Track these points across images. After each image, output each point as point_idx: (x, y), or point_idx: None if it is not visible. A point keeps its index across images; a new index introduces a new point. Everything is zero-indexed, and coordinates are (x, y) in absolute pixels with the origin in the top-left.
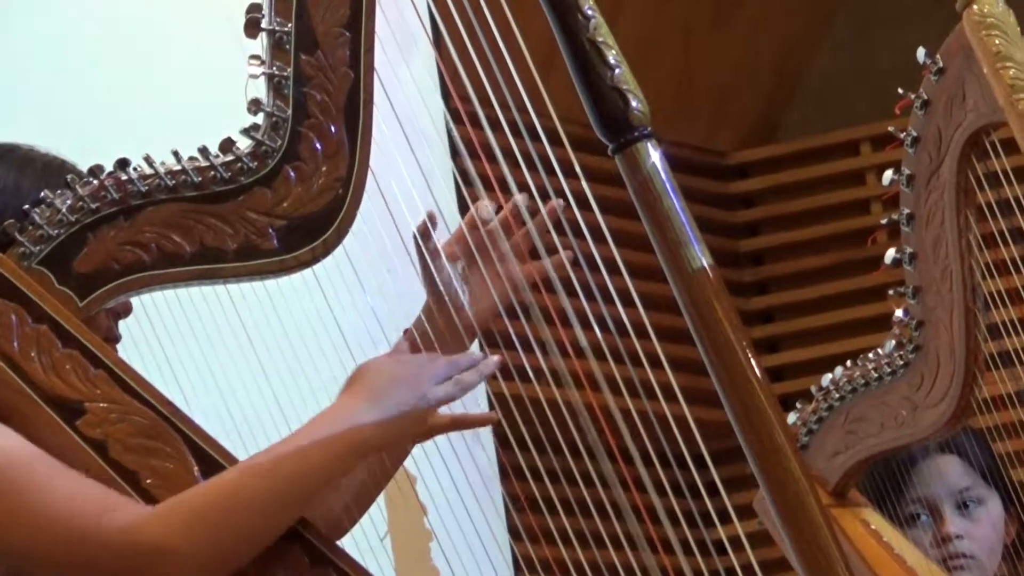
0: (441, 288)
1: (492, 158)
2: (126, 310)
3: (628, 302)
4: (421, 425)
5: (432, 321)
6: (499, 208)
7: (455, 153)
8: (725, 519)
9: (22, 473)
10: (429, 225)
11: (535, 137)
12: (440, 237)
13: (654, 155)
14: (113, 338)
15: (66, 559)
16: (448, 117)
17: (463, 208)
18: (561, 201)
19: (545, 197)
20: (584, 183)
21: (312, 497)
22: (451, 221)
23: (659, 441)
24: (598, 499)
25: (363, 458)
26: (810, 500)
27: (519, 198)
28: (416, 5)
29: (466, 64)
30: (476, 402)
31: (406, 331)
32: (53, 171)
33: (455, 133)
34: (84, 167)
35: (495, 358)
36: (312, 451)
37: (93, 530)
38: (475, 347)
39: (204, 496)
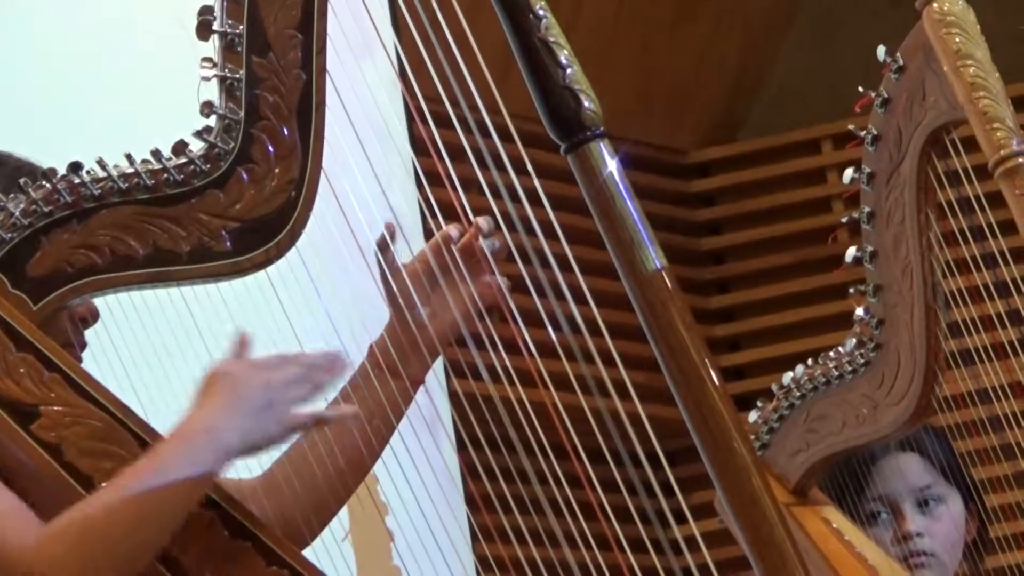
0: (402, 305)
1: (451, 156)
2: (93, 316)
3: (581, 299)
4: (281, 425)
5: (394, 337)
6: (462, 232)
7: (416, 152)
8: (682, 518)
9: None
10: (388, 238)
11: (487, 134)
12: (400, 248)
13: (609, 160)
14: (76, 344)
15: None
16: (404, 117)
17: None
18: (490, 219)
19: (496, 196)
20: (535, 180)
21: (183, 509)
22: (408, 220)
23: (613, 439)
24: (552, 497)
25: (228, 464)
26: (765, 500)
27: (482, 220)
28: (371, 6)
29: (419, 65)
30: (432, 401)
31: (371, 346)
32: (21, 176)
33: (412, 132)
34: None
35: (345, 359)
36: (177, 464)
37: (14, 550)
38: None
39: (82, 521)
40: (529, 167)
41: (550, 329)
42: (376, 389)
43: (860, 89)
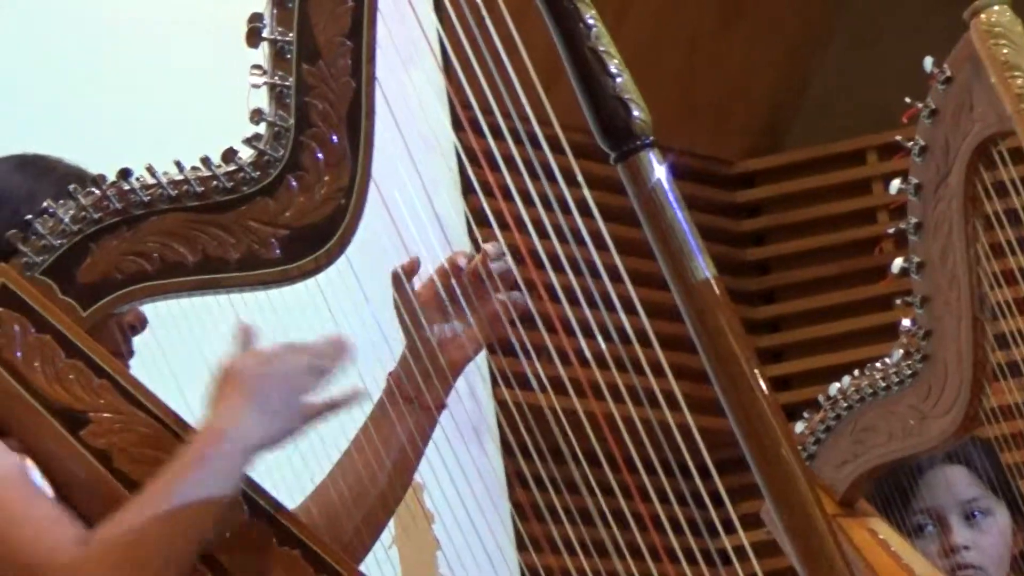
0: (415, 336)
1: (494, 166)
2: (141, 323)
3: (631, 310)
4: (300, 417)
5: (408, 368)
6: (470, 258)
7: (460, 163)
8: (730, 528)
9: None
10: (402, 274)
11: (537, 145)
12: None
13: (658, 167)
14: (124, 351)
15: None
16: (451, 126)
17: (469, 216)
18: (499, 244)
19: (547, 205)
20: (586, 190)
21: (213, 514)
22: (456, 229)
23: (663, 449)
24: (602, 508)
25: (253, 460)
26: (815, 510)
27: (489, 246)
28: (419, 14)
29: (470, 74)
30: (480, 410)
31: (390, 373)
32: (71, 183)
33: (458, 142)
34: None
35: (348, 340)
36: (204, 469)
37: (46, 565)
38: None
39: (114, 538)
40: (579, 177)
41: (600, 339)
42: (396, 420)
43: (907, 100)
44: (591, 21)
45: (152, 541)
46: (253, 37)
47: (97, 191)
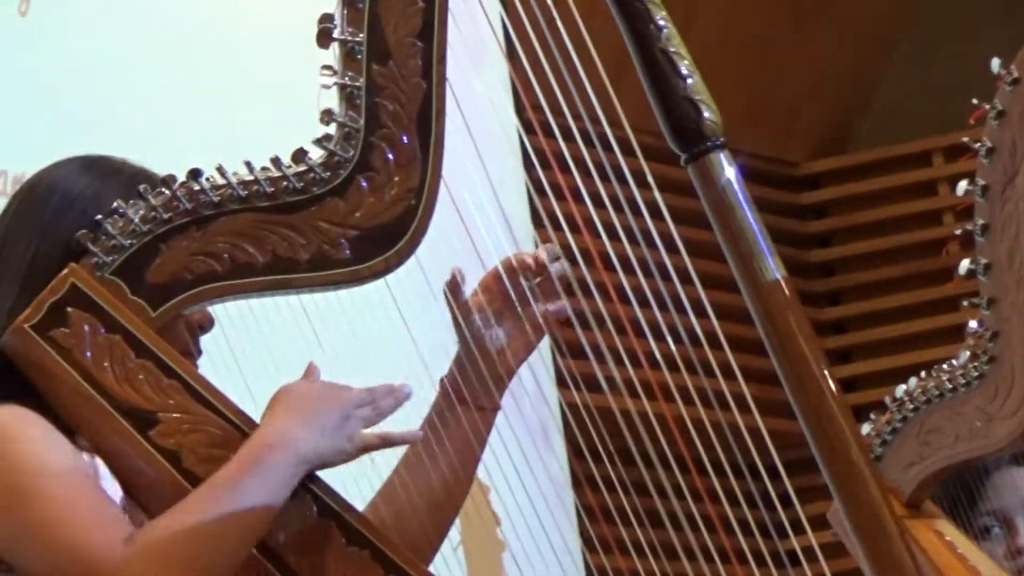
0: (470, 342)
1: (564, 168)
2: (210, 323)
3: (701, 312)
4: (352, 443)
5: (463, 372)
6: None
7: (527, 163)
8: (798, 529)
9: (52, 490)
10: (459, 280)
11: (607, 147)
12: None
13: (728, 168)
14: (192, 352)
15: (62, 569)
16: (520, 128)
17: (535, 217)
18: (554, 246)
19: (617, 207)
20: (656, 193)
21: (264, 520)
22: (522, 229)
23: (732, 452)
24: (671, 510)
25: (302, 475)
26: (884, 512)
27: (544, 248)
28: (488, 16)
29: (538, 74)
30: (547, 412)
31: (443, 377)
32: (138, 183)
33: (527, 143)
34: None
35: (407, 387)
36: (255, 476)
37: (92, 562)
38: (547, 355)
39: (165, 539)
40: (649, 178)
41: (670, 341)
42: (452, 423)
43: (974, 101)
44: (662, 22)
45: (195, 544)
46: (323, 38)
47: (167, 191)
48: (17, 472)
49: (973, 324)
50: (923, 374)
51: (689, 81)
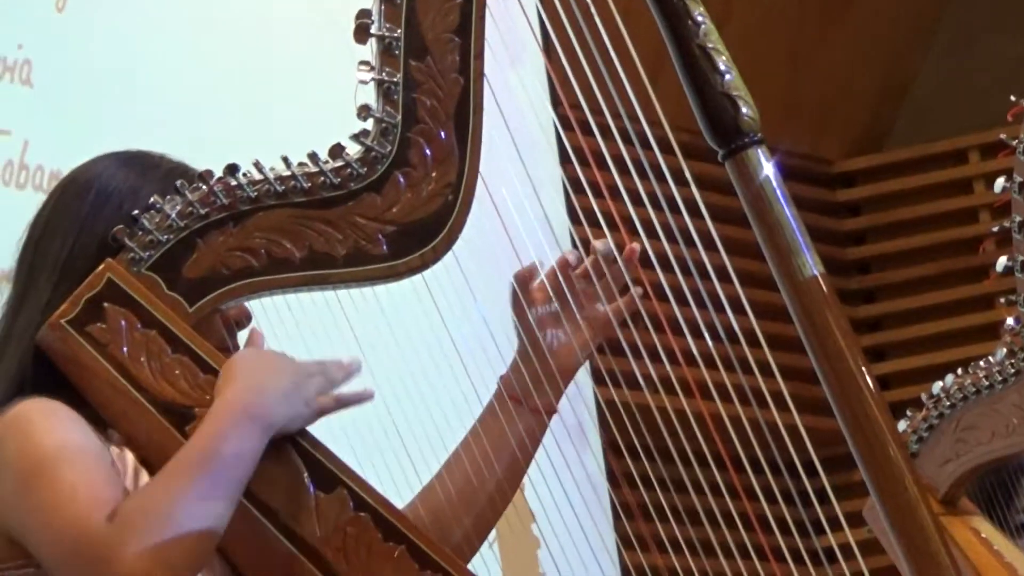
0: (527, 340)
1: (601, 165)
2: (246, 318)
3: (739, 310)
4: (308, 407)
5: (526, 366)
6: (580, 258)
7: (564, 160)
8: (835, 526)
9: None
10: (535, 271)
11: (645, 144)
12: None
13: (766, 164)
14: (229, 347)
15: (61, 550)
16: (557, 124)
17: (571, 215)
18: (637, 246)
19: (655, 205)
20: (695, 190)
21: (237, 485)
22: (559, 228)
23: (769, 449)
24: (708, 507)
25: (266, 440)
26: (921, 509)
27: (599, 244)
28: (526, 11)
29: (575, 70)
30: (586, 407)
31: (502, 377)
32: (175, 178)
33: (565, 140)
34: None
35: (357, 362)
36: (224, 443)
37: (80, 537)
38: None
39: (147, 508)
40: (688, 175)
41: (708, 339)
42: (507, 424)
43: (1012, 98)
44: (700, 18)
45: (172, 508)
46: (361, 33)
47: (204, 186)
48: (28, 457)
49: (1010, 321)
50: (960, 371)
51: (727, 77)
